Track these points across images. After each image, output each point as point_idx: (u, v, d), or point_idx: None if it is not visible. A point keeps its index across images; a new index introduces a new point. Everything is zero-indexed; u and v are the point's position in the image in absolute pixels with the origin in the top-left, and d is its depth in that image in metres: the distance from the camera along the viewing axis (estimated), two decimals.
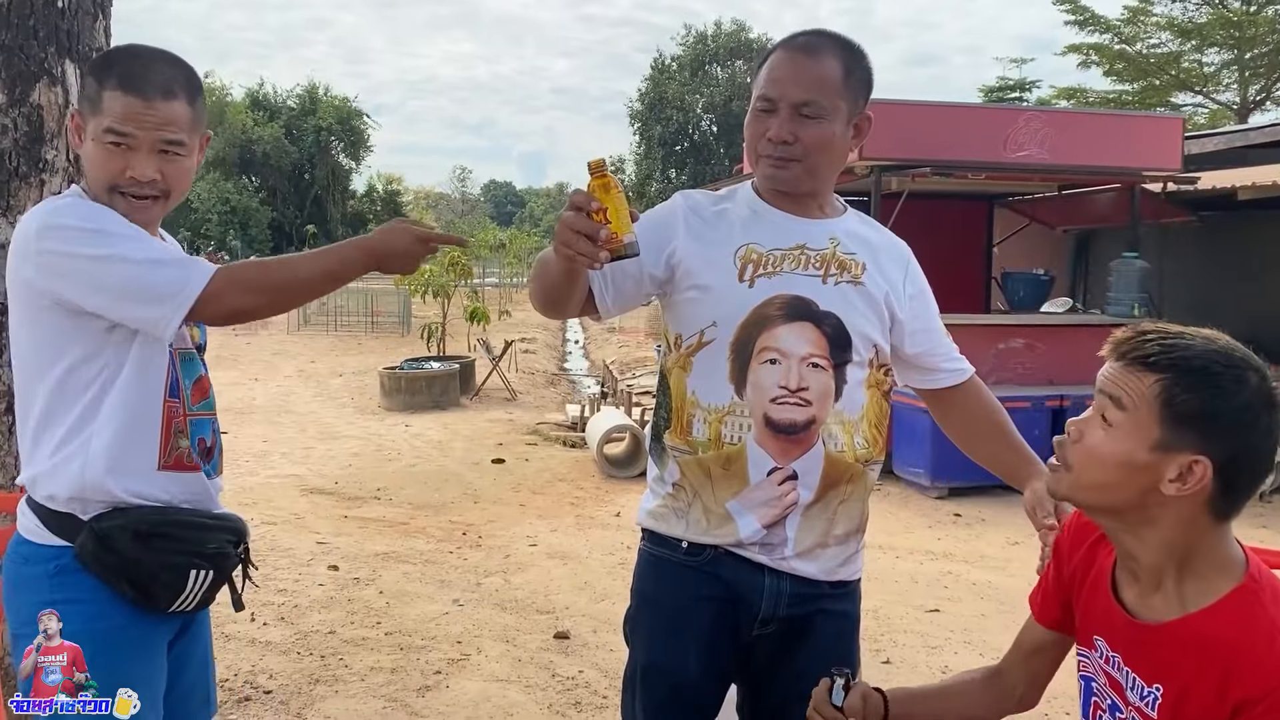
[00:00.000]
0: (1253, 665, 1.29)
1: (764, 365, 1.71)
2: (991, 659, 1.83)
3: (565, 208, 1.51)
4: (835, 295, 1.75)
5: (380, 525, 6.32)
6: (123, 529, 1.69)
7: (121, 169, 1.69)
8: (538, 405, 11.96)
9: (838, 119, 1.73)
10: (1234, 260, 9.77)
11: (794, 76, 1.72)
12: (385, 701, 3.69)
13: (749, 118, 1.78)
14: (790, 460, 1.72)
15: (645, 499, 1.88)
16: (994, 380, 7.85)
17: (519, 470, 8.11)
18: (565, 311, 1.76)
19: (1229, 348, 1.33)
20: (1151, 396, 1.31)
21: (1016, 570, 5.44)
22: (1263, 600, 1.33)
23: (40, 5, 2.48)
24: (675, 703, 1.75)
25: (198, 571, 1.76)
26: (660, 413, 1.83)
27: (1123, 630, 1.46)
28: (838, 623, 1.83)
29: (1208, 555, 1.37)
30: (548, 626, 4.52)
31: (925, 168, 7.42)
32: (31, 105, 2.49)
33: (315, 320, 20.47)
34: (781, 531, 1.74)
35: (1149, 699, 1.41)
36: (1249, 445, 1.31)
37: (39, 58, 2.49)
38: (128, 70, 1.70)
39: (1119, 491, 1.35)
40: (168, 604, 1.75)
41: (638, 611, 1.87)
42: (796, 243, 1.76)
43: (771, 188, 1.79)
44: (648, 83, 43.21)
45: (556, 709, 3.68)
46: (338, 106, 61.26)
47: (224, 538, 1.84)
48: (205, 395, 1.89)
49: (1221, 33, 22.60)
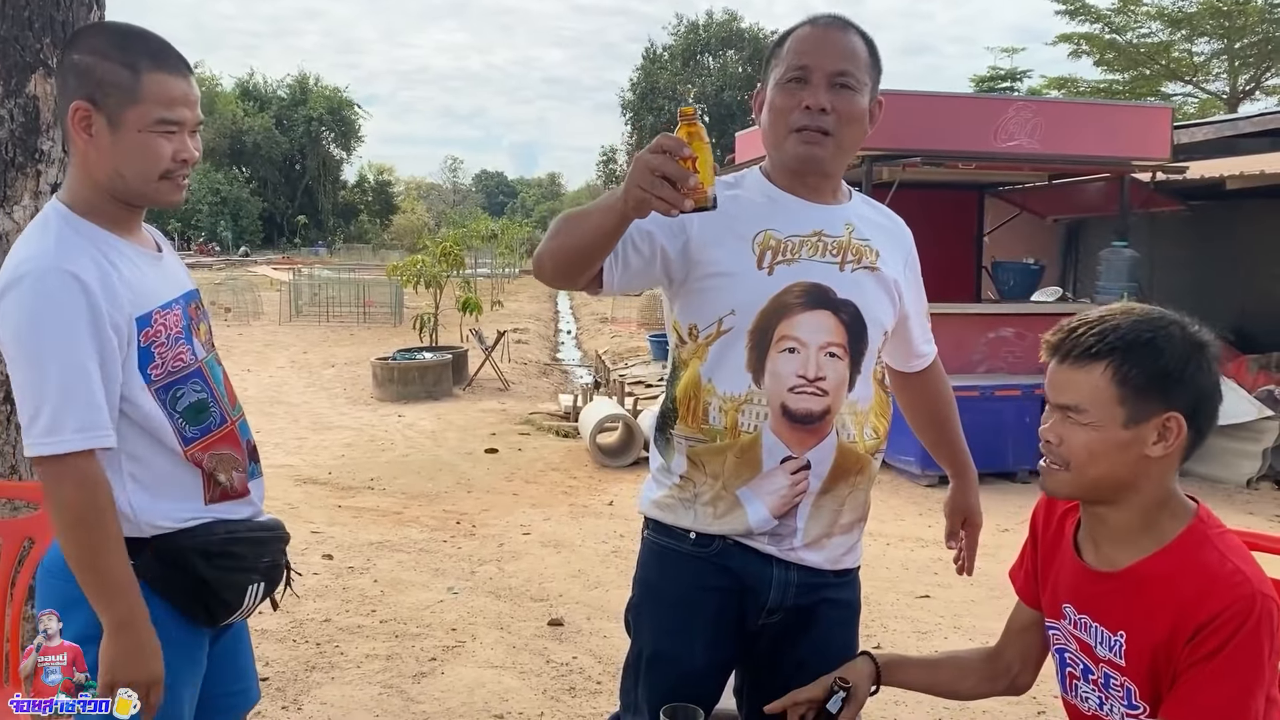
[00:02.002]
0: (1201, 592, 1.38)
1: (783, 354, 1.70)
2: (981, 643, 1.88)
3: (648, 150, 1.44)
4: (851, 283, 1.75)
5: (374, 515, 6.34)
6: (191, 549, 1.67)
7: (175, 153, 1.63)
8: (531, 395, 11.98)
9: (866, 94, 1.74)
10: (1223, 249, 9.83)
11: (827, 48, 1.71)
12: (381, 688, 3.72)
13: (776, 95, 1.73)
14: (805, 450, 1.72)
15: (649, 488, 1.87)
16: (985, 369, 7.90)
17: (512, 460, 8.14)
18: (577, 279, 1.67)
19: (1147, 313, 1.47)
20: (1106, 383, 1.43)
21: (1006, 556, 5.44)
22: (1209, 536, 1.45)
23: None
24: (681, 691, 1.75)
25: (254, 586, 1.77)
26: (668, 402, 1.80)
27: (1086, 585, 1.54)
28: (840, 611, 1.85)
29: (1167, 505, 1.48)
30: (542, 614, 4.55)
31: (916, 157, 7.44)
32: (27, 96, 2.51)
33: (307, 311, 20.44)
34: (792, 522, 1.74)
35: (1116, 648, 1.49)
36: (1200, 388, 1.44)
37: (34, 48, 2.51)
38: (154, 50, 1.62)
39: (1118, 472, 1.46)
40: (225, 618, 1.75)
41: (642, 601, 1.86)
42: (814, 229, 1.75)
43: (798, 168, 1.75)
44: (640, 72, 43.17)
45: (551, 694, 3.71)
46: (329, 97, 60.94)
47: (277, 547, 1.85)
48: (233, 393, 1.84)
49: (1211, 22, 22.67)
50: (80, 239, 1.61)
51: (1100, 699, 1.54)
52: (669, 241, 1.71)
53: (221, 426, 1.74)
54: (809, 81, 1.70)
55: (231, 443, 1.76)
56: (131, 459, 1.64)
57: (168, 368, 1.66)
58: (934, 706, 3.62)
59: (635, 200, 1.44)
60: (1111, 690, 1.51)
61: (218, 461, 1.72)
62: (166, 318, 1.68)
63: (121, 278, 1.61)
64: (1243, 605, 1.35)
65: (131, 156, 1.61)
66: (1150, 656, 1.43)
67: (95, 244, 1.62)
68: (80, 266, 1.55)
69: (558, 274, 1.66)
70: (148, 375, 1.63)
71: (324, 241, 56.17)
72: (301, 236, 56.69)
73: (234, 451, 1.76)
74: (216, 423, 1.73)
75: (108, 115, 1.60)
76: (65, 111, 1.62)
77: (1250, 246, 9.66)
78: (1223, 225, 9.75)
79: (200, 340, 1.76)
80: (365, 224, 63.92)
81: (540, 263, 1.68)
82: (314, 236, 57.23)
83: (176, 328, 1.69)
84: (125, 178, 1.63)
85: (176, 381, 1.67)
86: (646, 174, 1.42)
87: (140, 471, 1.65)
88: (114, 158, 1.62)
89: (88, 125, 1.61)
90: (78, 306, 1.53)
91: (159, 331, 1.65)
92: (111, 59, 1.59)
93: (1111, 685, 1.50)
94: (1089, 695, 1.56)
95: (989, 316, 8.20)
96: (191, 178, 1.73)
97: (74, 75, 1.61)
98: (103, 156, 1.62)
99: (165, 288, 1.71)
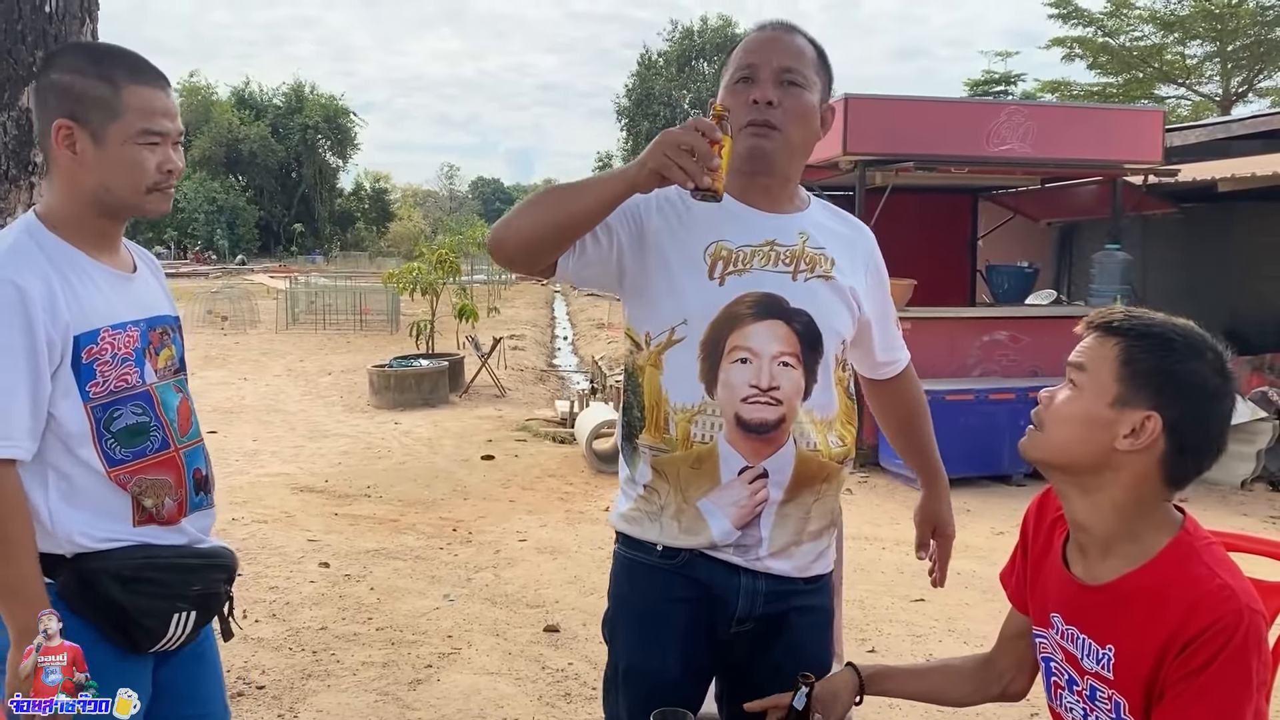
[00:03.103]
0: (1189, 607, 1.37)
1: (735, 364, 1.70)
2: (975, 647, 1.89)
3: (681, 127, 1.51)
4: (805, 292, 1.74)
5: (370, 522, 6.35)
6: (105, 572, 1.65)
7: (159, 165, 1.66)
8: (527, 402, 11.98)
9: (815, 93, 1.76)
10: (1215, 251, 9.87)
11: (773, 47, 1.74)
12: (377, 695, 3.73)
13: (726, 97, 1.75)
14: (761, 459, 1.72)
15: (618, 501, 1.88)
16: (979, 372, 7.92)
17: (508, 466, 8.15)
18: (546, 257, 1.68)
19: (1190, 327, 1.45)
20: (1112, 357, 1.43)
21: (1000, 559, 5.46)
22: (1196, 549, 1.44)
23: (28, 10, 2.51)
24: (658, 702, 1.75)
25: (180, 615, 1.73)
26: (633, 412, 1.80)
27: (1074, 597, 1.54)
28: (812, 617, 1.86)
29: (1150, 517, 1.47)
30: (537, 620, 4.56)
31: (909, 162, 7.48)
32: (20, 109, 2.52)
33: (304, 319, 20.44)
34: (756, 531, 1.75)
35: (1104, 660, 1.48)
36: (1198, 409, 1.41)
37: (27, 62, 2.52)
38: (132, 65, 1.65)
39: (1080, 448, 1.45)
40: (149, 646, 1.73)
41: (615, 615, 1.88)
42: (766, 239, 1.75)
43: (749, 166, 1.75)
44: (635, 78, 43.23)
45: (547, 700, 3.72)
46: (324, 105, 60.95)
47: (212, 576, 1.80)
48: (189, 421, 1.82)
49: (1203, 25, 22.74)
50: (36, 251, 1.63)
51: (1085, 710, 1.54)
52: (628, 239, 1.74)
53: (160, 452, 1.73)
54: (756, 80, 1.72)
55: (169, 469, 1.74)
56: (55, 470, 1.65)
57: (109, 386, 1.67)
58: (929, 708, 3.64)
59: (657, 164, 1.51)
60: (1098, 703, 1.50)
61: (146, 486, 1.70)
62: (116, 338, 1.69)
63: (72, 293, 1.63)
64: (1230, 620, 1.34)
65: (118, 170, 1.64)
66: (1141, 670, 1.43)
67: (53, 258, 1.64)
68: (24, 277, 1.58)
69: (527, 249, 1.66)
70: (86, 392, 1.65)
71: (320, 249, 56.16)
72: (298, 244, 56.68)
73: (169, 478, 1.74)
74: (154, 447, 1.72)
75: (91, 131, 1.62)
76: (47, 130, 1.65)
77: (1242, 248, 9.70)
78: (1215, 227, 9.79)
79: (157, 365, 1.76)
80: (362, 231, 63.89)
81: (506, 236, 1.65)
82: (310, 244, 57.20)
83: (127, 349, 1.70)
84: (112, 191, 1.65)
85: (116, 402, 1.68)
86: (674, 145, 1.49)
87: (62, 484, 1.65)
88: (100, 172, 1.64)
89: (71, 142, 1.63)
90: (13, 315, 1.56)
91: (104, 350, 1.67)
92: (90, 75, 1.62)
93: (1098, 698, 1.50)
94: (1073, 706, 1.56)
95: (983, 320, 8.23)
96: (188, 186, 1.77)
97: (54, 94, 1.63)
98: (88, 172, 1.64)
99: (124, 308, 1.72)
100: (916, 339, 7.80)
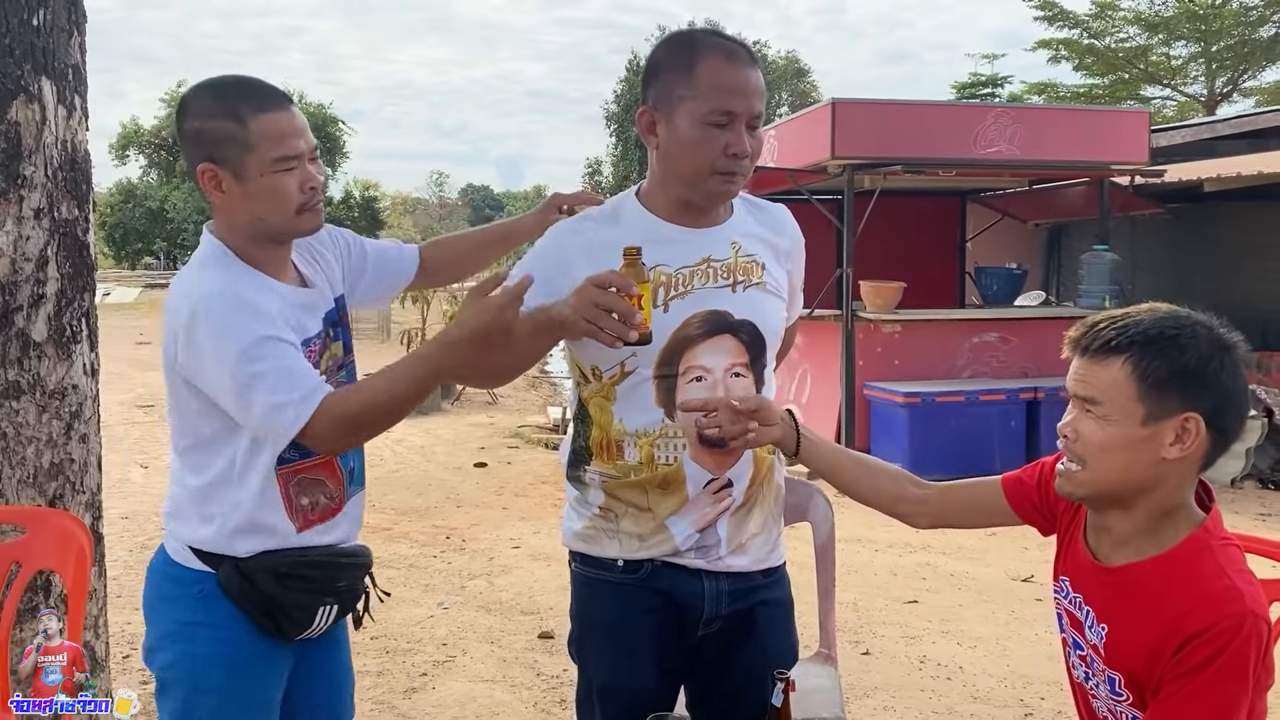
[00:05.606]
0: (1193, 604, 1.37)
1: (691, 384, 1.72)
2: (969, 647, 1.89)
3: (594, 283, 1.52)
4: (745, 302, 1.77)
5: (364, 531, 6.29)
6: (264, 569, 1.77)
7: (301, 185, 1.71)
8: (519, 408, 11.98)
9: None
10: (1203, 251, 9.92)
11: (748, 90, 1.67)
12: (372, 704, 3.73)
13: (695, 130, 1.66)
14: (725, 470, 1.76)
15: (568, 518, 1.89)
16: (969, 374, 7.96)
17: (501, 473, 8.15)
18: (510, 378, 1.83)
19: (1172, 311, 1.45)
20: (1124, 377, 1.40)
21: (993, 560, 5.54)
22: (1211, 546, 1.43)
23: (15, 23, 2.50)
24: (637, 715, 1.77)
25: (325, 607, 1.85)
26: (579, 441, 1.82)
27: (1086, 572, 1.55)
28: (775, 610, 1.88)
29: (1172, 514, 1.46)
30: (532, 627, 4.56)
31: (897, 165, 7.51)
32: (9, 123, 2.52)
33: None
34: (714, 532, 1.77)
35: (1099, 637, 1.51)
36: (1224, 389, 1.40)
37: (15, 75, 2.52)
38: (253, 94, 1.70)
39: (1134, 471, 1.43)
40: (294, 635, 1.83)
41: (582, 634, 1.89)
42: (702, 256, 1.75)
43: (707, 204, 1.75)
44: (623, 85, 43.22)
45: (542, 707, 3.72)
46: (313, 113, 60.85)
47: (355, 574, 1.93)
48: None
49: (1188, 26, 22.85)
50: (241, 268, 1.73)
51: (1086, 673, 1.57)
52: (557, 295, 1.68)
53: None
54: (734, 128, 1.66)
55: (327, 469, 1.84)
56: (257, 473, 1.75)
57: None
58: (924, 709, 3.65)
59: (582, 332, 1.55)
60: (1095, 670, 1.53)
61: (305, 485, 1.81)
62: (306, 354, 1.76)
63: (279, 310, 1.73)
64: (1232, 622, 1.34)
65: (263, 200, 1.70)
66: (1131, 656, 1.44)
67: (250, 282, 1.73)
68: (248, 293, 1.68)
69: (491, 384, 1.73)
70: None
71: None
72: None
73: (327, 478, 1.84)
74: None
75: (231, 169, 1.69)
76: (195, 177, 1.75)
77: (1230, 248, 9.76)
78: (1202, 227, 9.85)
79: (324, 366, 1.84)
80: None
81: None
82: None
83: (312, 360, 1.78)
84: (265, 220, 1.72)
85: None
86: (590, 308, 1.52)
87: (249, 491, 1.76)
88: (249, 206, 1.71)
89: (217, 183, 1.70)
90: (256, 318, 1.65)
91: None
92: (218, 116, 1.68)
93: (1095, 666, 1.53)
94: (1077, 666, 1.60)
95: (972, 322, 8.28)
96: (176, 196, 1.80)
97: (191, 141, 1.71)
98: (239, 207, 1.72)
99: (310, 321, 1.81)
100: (906, 341, 7.95)
